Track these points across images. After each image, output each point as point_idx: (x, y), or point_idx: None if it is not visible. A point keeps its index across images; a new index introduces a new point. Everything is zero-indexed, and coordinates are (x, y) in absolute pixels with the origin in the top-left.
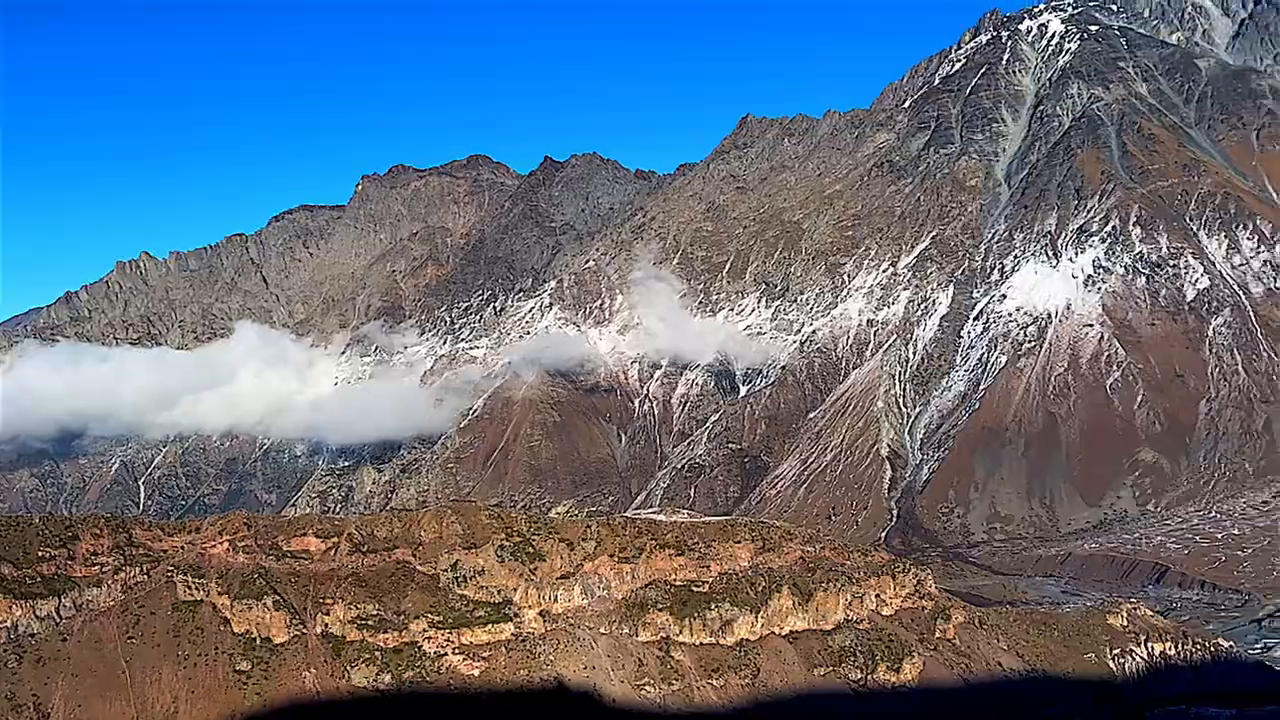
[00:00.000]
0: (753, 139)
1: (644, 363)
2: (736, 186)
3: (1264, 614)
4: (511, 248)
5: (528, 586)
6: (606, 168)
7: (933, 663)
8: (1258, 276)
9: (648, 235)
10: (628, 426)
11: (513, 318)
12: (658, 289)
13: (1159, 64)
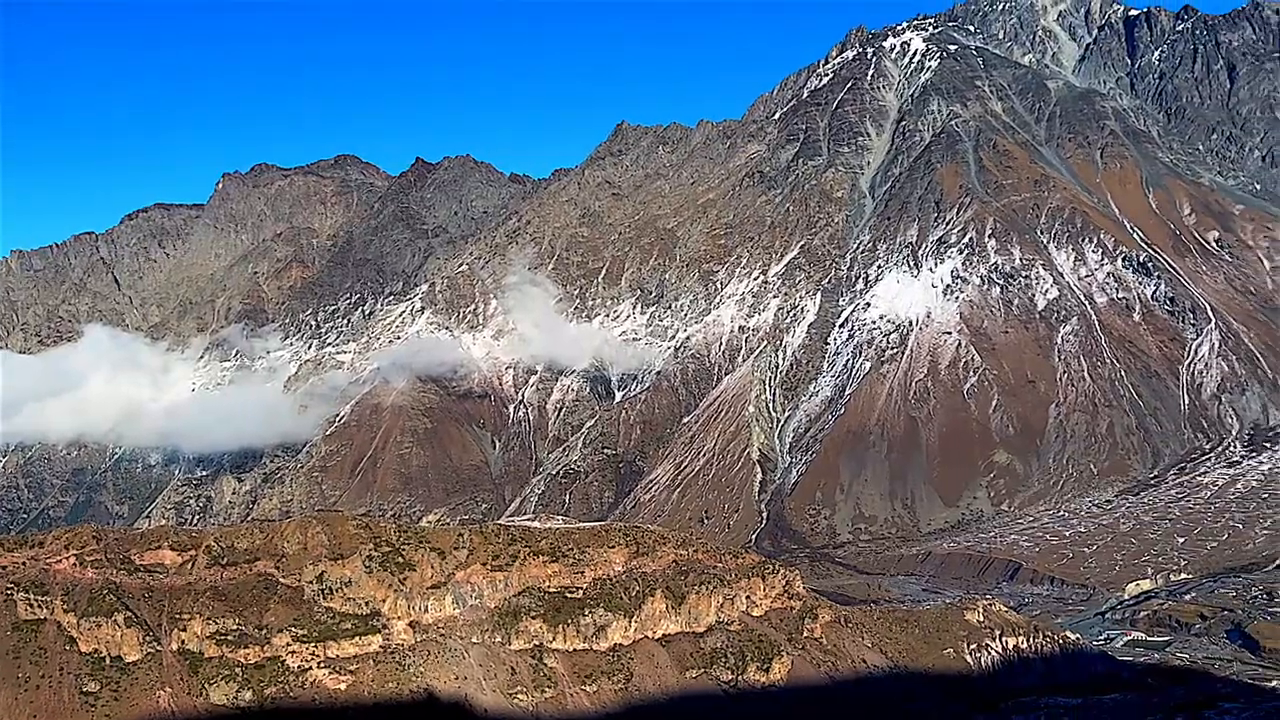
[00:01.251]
0: (628, 146)
1: (519, 368)
2: (612, 193)
3: (1107, 607)
4: (381, 250)
5: (397, 597)
6: (480, 170)
7: (801, 662)
8: (1102, 287)
9: (523, 240)
10: (502, 433)
11: (382, 322)
12: (533, 294)
13: (1012, 84)
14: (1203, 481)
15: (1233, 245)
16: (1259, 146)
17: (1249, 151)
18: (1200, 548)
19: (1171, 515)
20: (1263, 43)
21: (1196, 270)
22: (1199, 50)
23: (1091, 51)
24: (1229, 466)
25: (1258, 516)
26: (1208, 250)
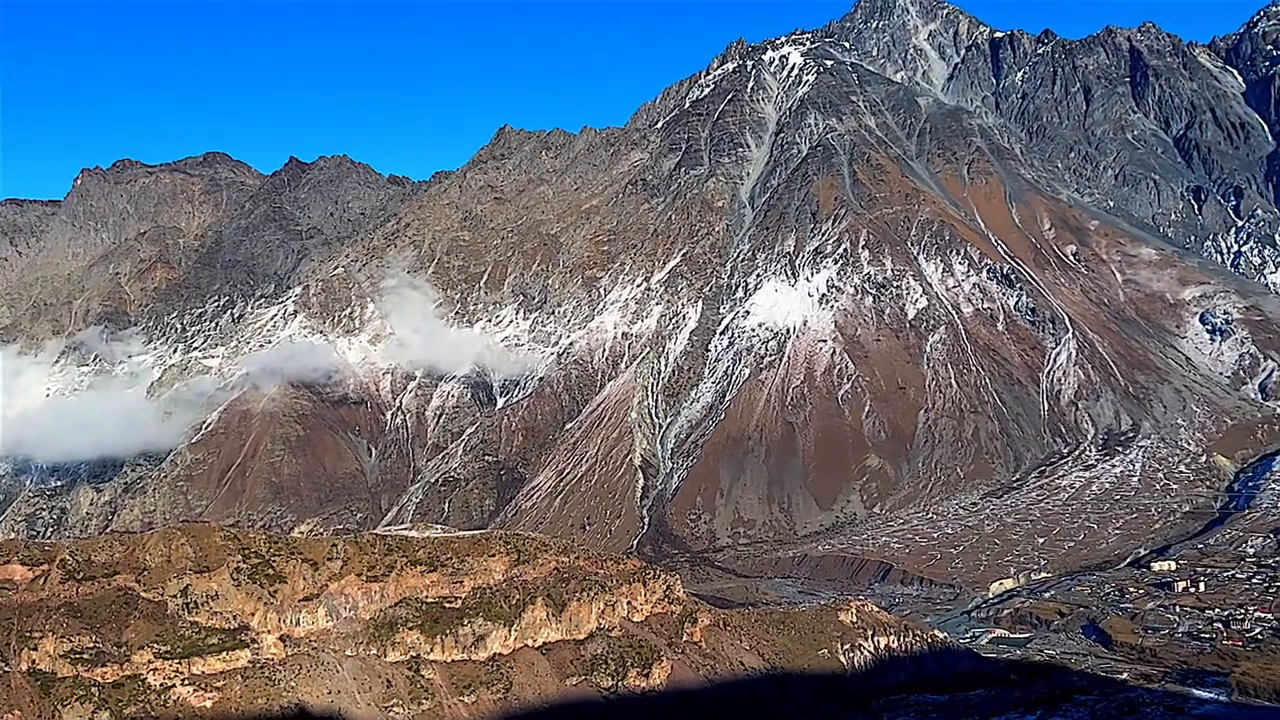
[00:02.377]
0: (510, 150)
1: (396, 374)
2: (494, 197)
3: (972, 606)
4: (252, 251)
5: (267, 610)
6: (357, 171)
7: (680, 666)
8: (968, 298)
9: (402, 242)
10: (378, 440)
11: (253, 325)
12: (412, 298)
13: (885, 100)
14: (1061, 484)
15: (1088, 259)
16: (1112, 165)
17: (1103, 170)
18: (1059, 547)
19: (1032, 516)
20: (1115, 67)
21: (1055, 282)
22: (1058, 73)
23: (959, 71)
24: (1085, 470)
25: (1111, 517)
26: (1066, 263)
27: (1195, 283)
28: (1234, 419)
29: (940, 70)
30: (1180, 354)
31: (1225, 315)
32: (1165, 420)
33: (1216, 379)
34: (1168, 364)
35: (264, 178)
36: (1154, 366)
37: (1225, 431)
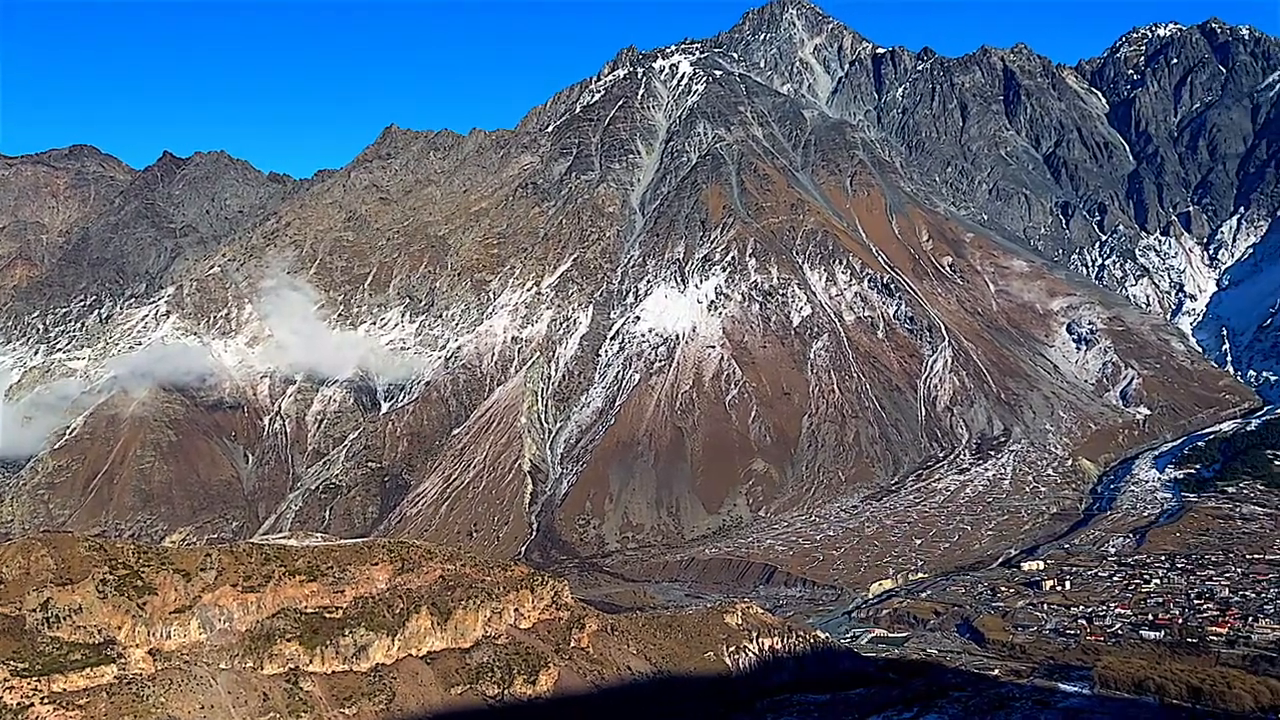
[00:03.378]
0: (397, 150)
1: (275, 377)
2: (380, 197)
3: (853, 606)
4: (122, 249)
5: (135, 624)
6: (235, 167)
7: (568, 672)
8: (850, 306)
9: (282, 242)
10: (256, 446)
11: (122, 326)
12: (292, 299)
13: (772, 111)
14: (937, 487)
15: (964, 270)
16: (986, 180)
17: (978, 184)
18: (935, 548)
19: (910, 519)
20: (990, 86)
21: (933, 292)
22: (936, 90)
23: (843, 85)
24: (959, 473)
25: (984, 519)
26: (942, 274)
27: (1063, 294)
28: (1097, 424)
29: (825, 84)
30: (1048, 362)
31: (1090, 325)
32: (1034, 425)
33: (1082, 386)
34: (1037, 371)
35: (135, 173)
36: (1024, 374)
37: (1089, 436)
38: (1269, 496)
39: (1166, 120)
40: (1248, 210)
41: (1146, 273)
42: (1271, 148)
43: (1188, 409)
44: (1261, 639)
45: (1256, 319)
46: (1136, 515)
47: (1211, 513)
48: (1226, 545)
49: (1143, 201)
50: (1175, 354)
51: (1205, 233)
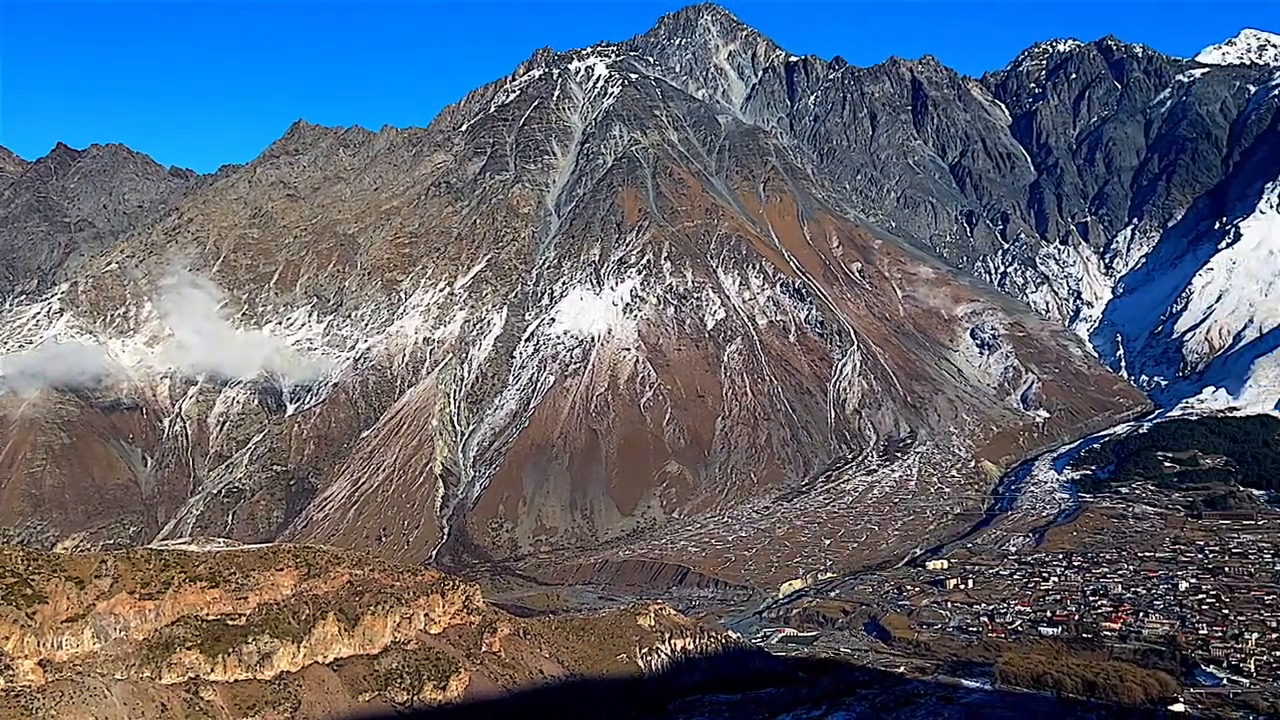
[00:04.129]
0: (305, 146)
1: (176, 378)
2: (287, 194)
3: (764, 606)
4: (12, 244)
5: (24, 634)
6: (135, 161)
7: (479, 677)
8: (763, 310)
9: (184, 238)
10: (155, 449)
11: (11, 324)
12: (194, 297)
13: (687, 116)
14: (846, 488)
15: (872, 276)
16: (895, 188)
17: (886, 192)
18: (843, 548)
19: (819, 519)
20: (899, 96)
21: (842, 297)
22: (847, 98)
23: (757, 92)
24: (867, 474)
25: (890, 519)
26: (852, 279)
27: (967, 300)
28: (999, 427)
29: (739, 90)
30: (953, 366)
31: (992, 331)
32: (939, 428)
33: (984, 389)
34: (942, 375)
35: (27, 164)
36: (930, 377)
37: (992, 438)
38: (1159, 496)
39: (1066, 133)
40: (1141, 221)
41: (1046, 280)
42: (1163, 162)
43: (1084, 412)
44: (1151, 633)
45: (1149, 326)
46: (1036, 515)
47: (1106, 512)
48: (1120, 544)
49: (1043, 211)
50: (1073, 359)
51: (1101, 242)
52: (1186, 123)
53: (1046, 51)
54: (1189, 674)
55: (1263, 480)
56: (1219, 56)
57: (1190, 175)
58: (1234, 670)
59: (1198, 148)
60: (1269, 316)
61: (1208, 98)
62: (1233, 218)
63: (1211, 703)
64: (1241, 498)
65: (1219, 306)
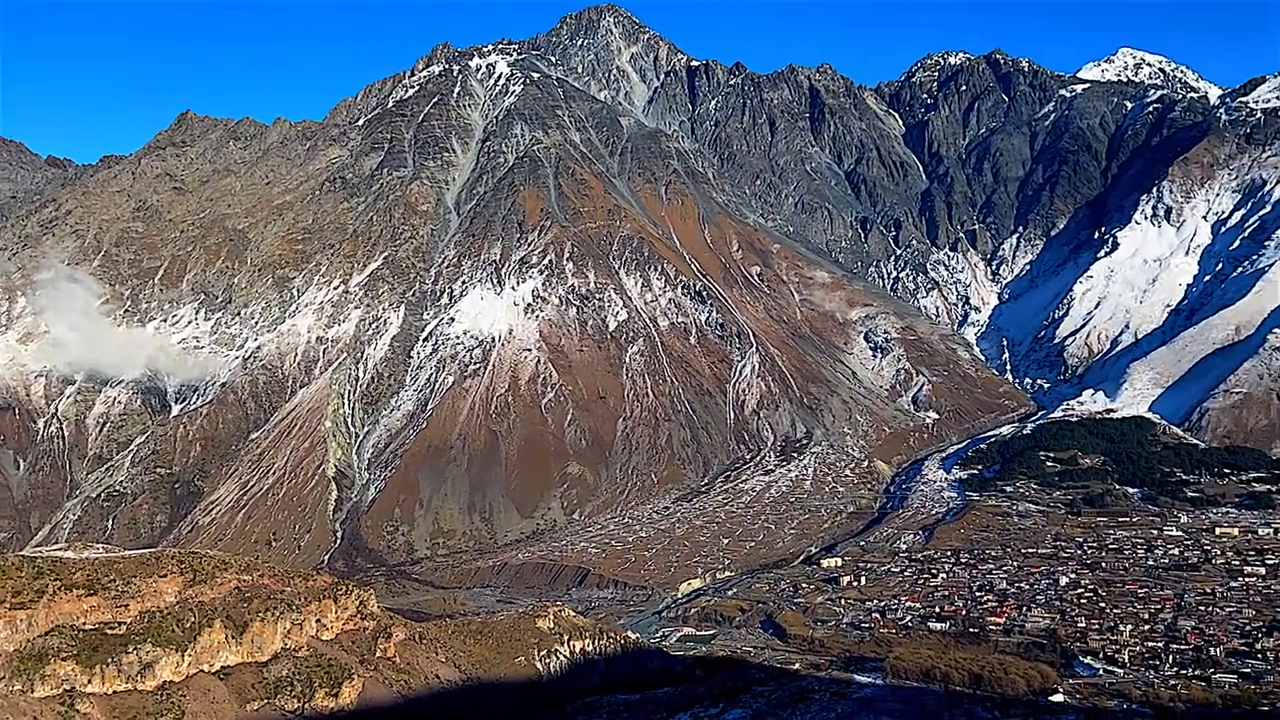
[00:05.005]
0: (193, 137)
1: (52, 377)
2: (173, 186)
3: (663, 606)
4: None
5: None
6: (8, 150)
7: (373, 683)
8: (664, 312)
9: (61, 231)
10: (28, 451)
11: None
12: (72, 293)
13: (590, 116)
14: (744, 488)
15: (770, 279)
16: (793, 194)
17: (785, 197)
18: (741, 547)
19: (718, 519)
20: (797, 103)
21: (742, 300)
22: (747, 104)
23: (659, 95)
24: (765, 474)
25: (787, 518)
26: (751, 283)
27: (861, 304)
28: (891, 427)
29: (641, 92)
30: (847, 368)
31: (885, 334)
32: (834, 428)
33: (877, 391)
34: (837, 377)
35: None
36: (825, 379)
37: (884, 439)
38: (1041, 495)
39: (956, 143)
40: (1026, 230)
41: (936, 285)
42: (1047, 173)
43: (971, 413)
44: (1034, 627)
45: (1032, 330)
46: (925, 513)
47: (992, 510)
48: (1004, 541)
49: (934, 219)
50: (961, 362)
51: (989, 249)
52: (1068, 136)
53: (938, 64)
54: (1068, 665)
55: (1137, 479)
56: (1099, 73)
57: (1072, 186)
58: (1109, 661)
59: (1079, 160)
60: (1144, 323)
61: (1088, 112)
62: (1111, 228)
63: (1089, 692)
64: (1118, 495)
65: (1098, 313)
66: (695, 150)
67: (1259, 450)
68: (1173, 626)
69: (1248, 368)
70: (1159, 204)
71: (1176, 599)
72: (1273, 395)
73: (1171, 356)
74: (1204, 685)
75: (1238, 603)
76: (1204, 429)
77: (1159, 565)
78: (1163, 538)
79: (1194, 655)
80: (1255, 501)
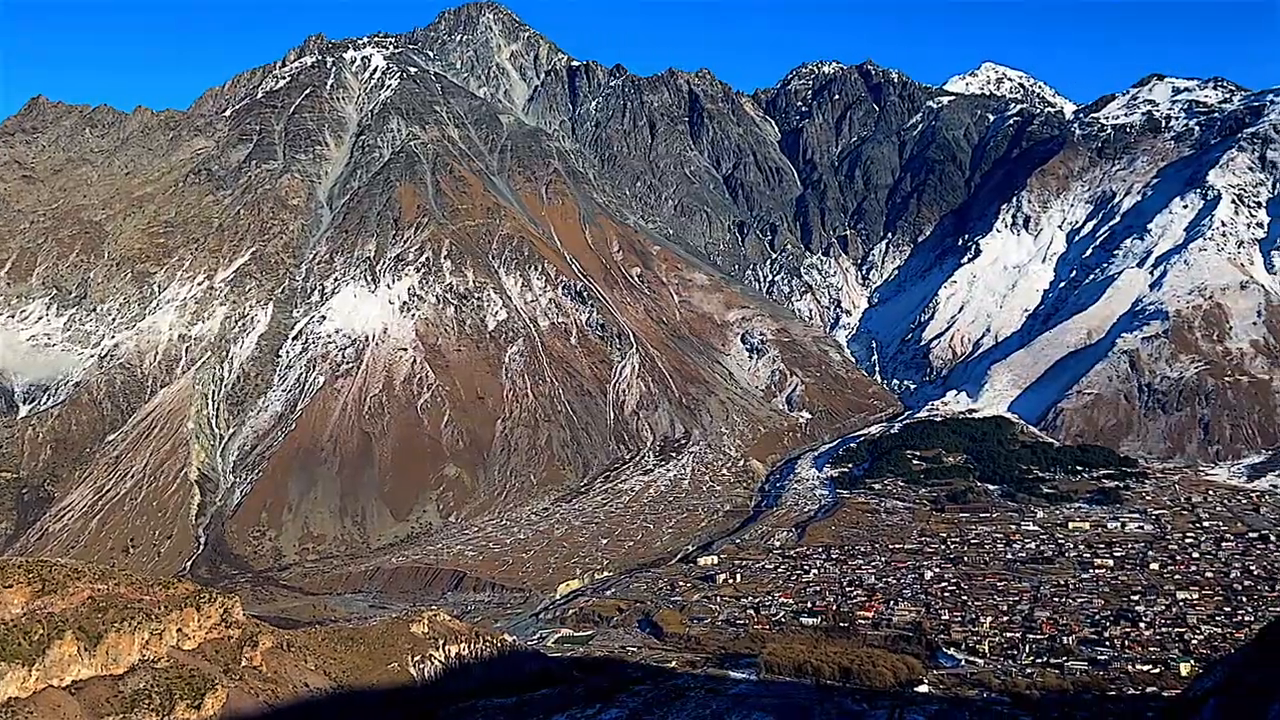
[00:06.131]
0: (45, 124)
1: None
2: (22, 174)
3: (541, 608)
4: None
5: None
6: None
7: (238, 693)
8: (545, 312)
9: None
10: None
11: None
12: None
13: (469, 113)
14: (623, 488)
15: (651, 281)
16: (672, 197)
17: (665, 200)
18: (620, 547)
19: (597, 519)
20: (677, 107)
21: (623, 301)
22: (628, 106)
23: (539, 93)
24: (644, 474)
25: (665, 517)
26: (631, 284)
27: (738, 306)
28: (766, 427)
29: (521, 91)
30: (725, 369)
31: (761, 336)
32: (711, 428)
33: (753, 392)
34: (715, 378)
35: None
36: (703, 380)
37: (759, 438)
38: (908, 492)
39: (829, 151)
40: (894, 236)
41: (810, 289)
42: (914, 182)
43: (842, 413)
44: (900, 620)
45: (900, 333)
46: (799, 511)
47: (861, 507)
48: (873, 537)
49: (808, 224)
50: (833, 363)
51: (860, 254)
52: (935, 146)
53: (813, 72)
54: (932, 656)
55: (997, 476)
56: (963, 86)
57: (938, 195)
58: (971, 651)
59: (944, 169)
60: (1004, 326)
61: (953, 124)
62: (974, 235)
63: (952, 683)
64: (979, 492)
65: (961, 316)
66: (576, 150)
67: (1108, 448)
68: (1029, 617)
69: (1098, 370)
70: (1018, 213)
71: (1033, 591)
72: (1121, 396)
73: (1029, 359)
74: (1058, 673)
75: (1089, 593)
76: (1059, 428)
77: (1017, 559)
78: (1020, 533)
79: (1049, 644)
80: (1105, 497)
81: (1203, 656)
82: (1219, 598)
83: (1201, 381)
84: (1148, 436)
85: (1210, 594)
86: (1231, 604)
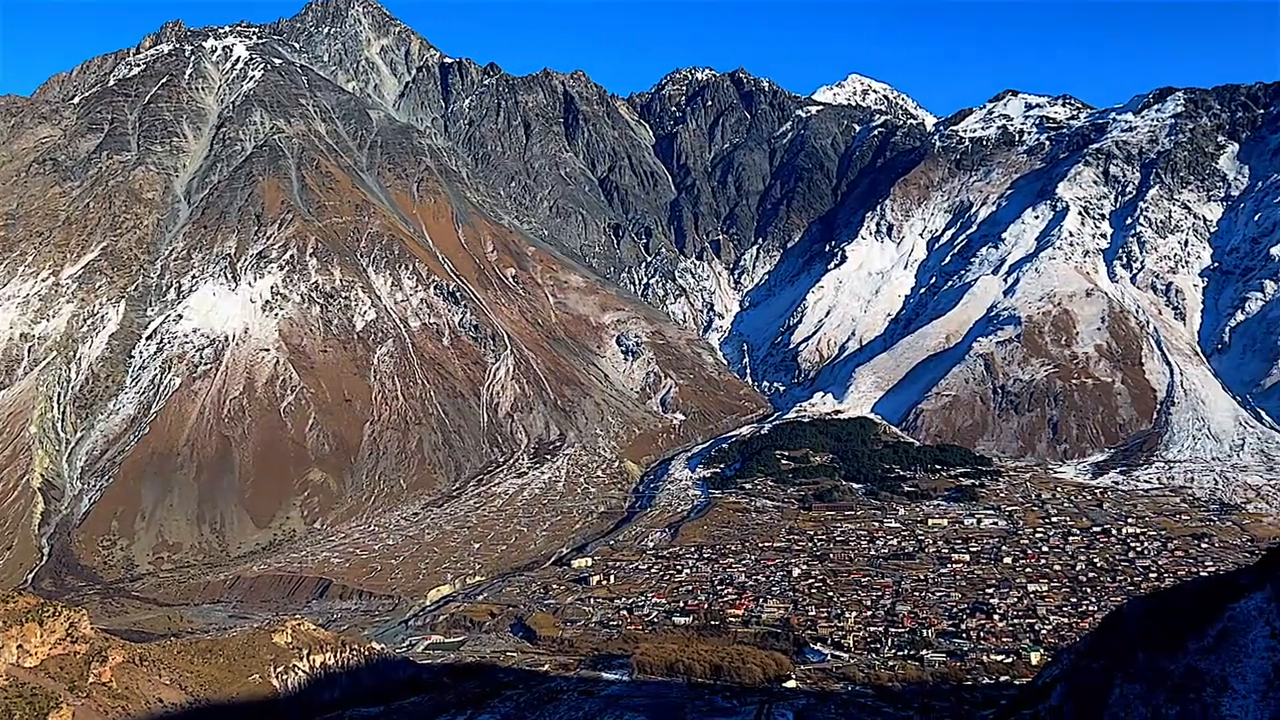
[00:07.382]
0: None
1: None
2: None
3: (410, 615)
4: None
5: None
6: None
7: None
8: (416, 312)
9: None
10: None
11: None
12: None
13: (336, 108)
14: (497, 491)
15: (526, 282)
16: (548, 198)
17: (540, 201)
18: (493, 551)
19: (470, 523)
20: (552, 108)
21: (497, 301)
22: (502, 105)
23: (410, 90)
24: (518, 477)
25: (539, 520)
26: (506, 284)
27: (614, 309)
28: (641, 429)
29: (392, 86)
30: (600, 371)
31: (636, 338)
32: (586, 430)
33: (628, 394)
34: (590, 380)
35: None
36: (579, 382)
37: (634, 440)
38: (777, 491)
39: (702, 156)
40: (765, 241)
41: (684, 292)
42: (784, 188)
43: (715, 415)
44: (769, 617)
45: (770, 336)
46: (672, 511)
47: (732, 507)
48: (743, 535)
49: (682, 228)
50: (706, 366)
51: (732, 259)
52: (804, 154)
53: (687, 78)
54: (800, 652)
55: (861, 475)
56: (831, 96)
57: (806, 202)
58: (837, 646)
59: (813, 177)
60: (868, 330)
61: (821, 133)
62: (840, 242)
63: (818, 677)
64: (844, 491)
65: (828, 320)
66: (449, 148)
67: (965, 448)
68: (891, 612)
69: (956, 373)
70: (882, 221)
71: (895, 586)
72: (977, 398)
73: (891, 362)
74: (918, 665)
75: (947, 587)
76: (919, 428)
77: (880, 555)
78: (883, 529)
79: (909, 637)
80: (962, 495)
81: (1051, 645)
82: (1066, 589)
83: (1051, 384)
84: (1001, 436)
85: (1058, 586)
86: (1077, 595)
